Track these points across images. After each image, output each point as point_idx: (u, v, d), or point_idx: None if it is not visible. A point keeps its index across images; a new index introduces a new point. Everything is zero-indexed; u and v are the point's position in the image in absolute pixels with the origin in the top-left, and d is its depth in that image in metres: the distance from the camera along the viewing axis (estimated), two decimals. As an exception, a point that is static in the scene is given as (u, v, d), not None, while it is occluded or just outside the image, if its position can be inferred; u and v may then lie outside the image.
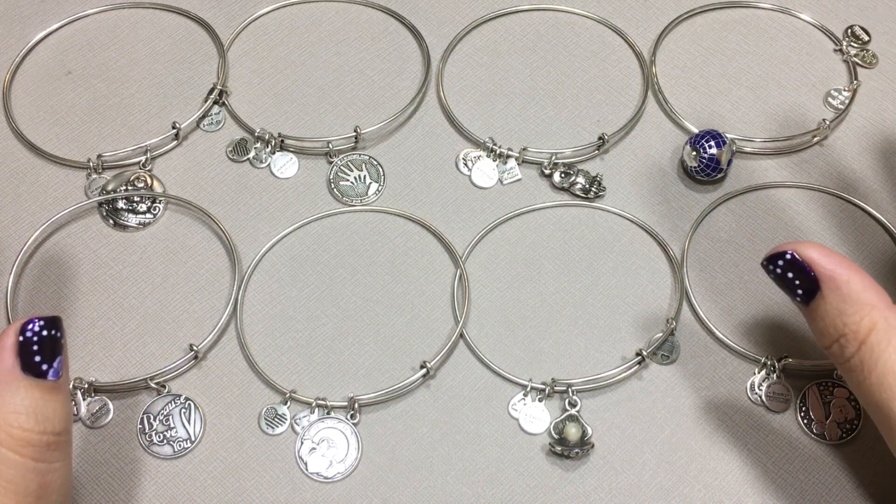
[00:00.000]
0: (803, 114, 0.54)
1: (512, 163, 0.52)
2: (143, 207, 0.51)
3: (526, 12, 0.58)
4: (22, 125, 0.54)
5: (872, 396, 0.36)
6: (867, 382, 0.36)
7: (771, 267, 0.38)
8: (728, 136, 0.51)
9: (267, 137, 0.52)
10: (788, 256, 0.37)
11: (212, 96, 0.54)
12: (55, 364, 0.35)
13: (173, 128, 0.53)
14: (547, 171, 0.52)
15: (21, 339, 0.34)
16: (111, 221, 0.51)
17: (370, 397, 0.45)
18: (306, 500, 0.44)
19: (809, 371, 0.46)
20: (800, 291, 0.37)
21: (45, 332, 0.35)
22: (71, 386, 0.45)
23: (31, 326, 0.35)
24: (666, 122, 0.54)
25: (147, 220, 0.51)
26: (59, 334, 0.35)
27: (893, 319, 0.36)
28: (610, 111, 0.54)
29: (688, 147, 0.51)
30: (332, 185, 0.52)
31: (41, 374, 0.34)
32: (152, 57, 0.56)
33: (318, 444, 0.45)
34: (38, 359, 0.34)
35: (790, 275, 0.37)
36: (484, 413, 0.46)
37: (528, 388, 0.46)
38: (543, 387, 0.46)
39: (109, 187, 0.51)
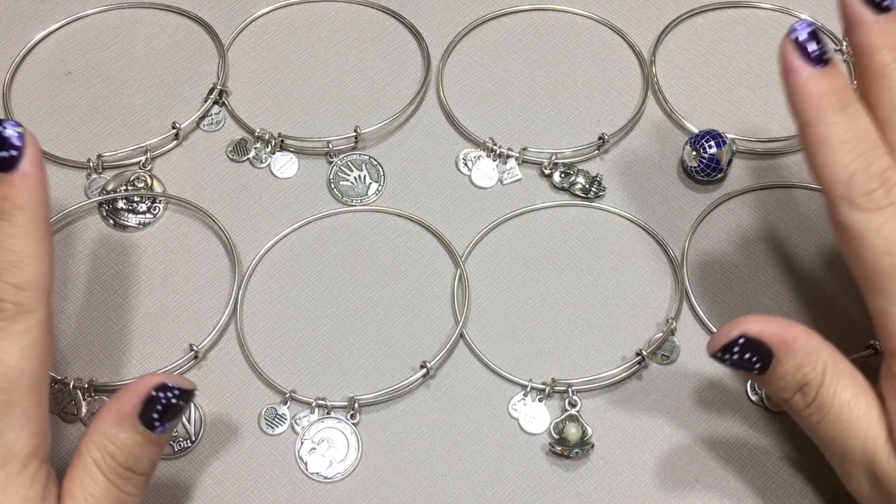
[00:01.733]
0: (803, 114, 0.54)
1: (512, 163, 0.52)
2: (143, 207, 0.51)
3: (526, 12, 0.58)
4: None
5: (829, 432, 0.38)
6: (825, 420, 0.38)
7: (727, 356, 0.38)
8: (728, 136, 0.51)
9: (267, 137, 0.53)
10: (742, 340, 0.38)
11: (212, 96, 0.54)
12: (167, 425, 0.38)
13: (173, 128, 0.53)
14: (547, 171, 0.52)
15: (153, 393, 0.37)
16: (111, 221, 0.51)
17: (370, 397, 0.45)
18: (306, 500, 0.44)
19: (809, 371, 0.46)
20: (758, 365, 0.38)
21: (174, 400, 0.38)
22: (71, 386, 0.45)
23: (167, 390, 0.38)
24: (666, 122, 0.54)
25: (147, 220, 0.51)
26: (185, 406, 0.38)
27: (833, 353, 0.39)
28: (610, 111, 0.54)
29: (688, 147, 0.51)
30: (332, 185, 0.52)
31: (150, 428, 0.37)
32: (152, 57, 0.56)
33: (318, 444, 0.45)
34: (155, 415, 0.37)
35: (748, 355, 0.38)
36: (484, 413, 0.46)
37: (528, 388, 0.46)
38: (543, 387, 0.46)
39: (109, 187, 0.51)
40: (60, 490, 0.37)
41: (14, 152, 0.38)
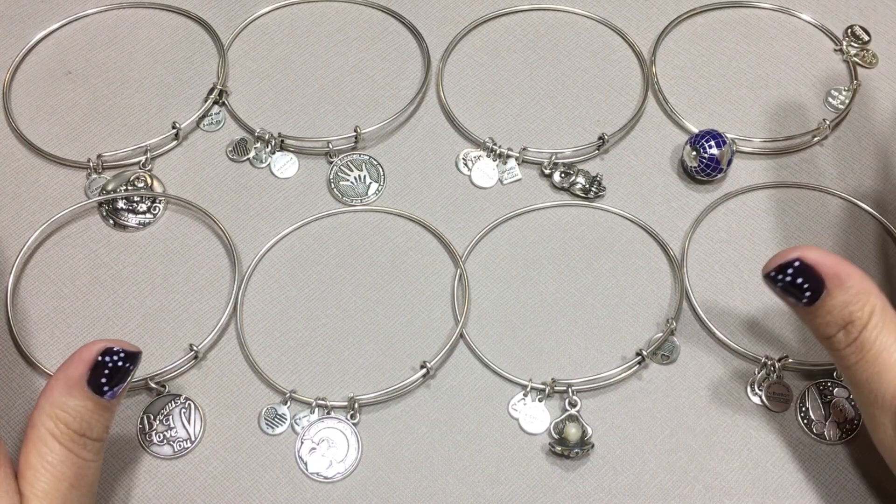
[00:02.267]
0: (803, 114, 0.54)
1: (512, 163, 0.52)
2: (143, 207, 0.51)
3: (526, 12, 0.58)
4: (22, 125, 0.54)
5: (864, 373, 0.39)
6: (863, 360, 0.39)
7: (780, 277, 0.39)
8: (728, 136, 0.51)
9: (267, 137, 0.52)
10: (797, 264, 0.39)
11: (212, 96, 0.54)
12: (116, 390, 0.39)
13: (173, 128, 0.53)
14: (547, 171, 0.52)
15: (99, 358, 0.38)
16: (111, 221, 0.51)
17: (370, 397, 0.45)
18: (306, 500, 0.44)
19: (809, 371, 0.46)
20: (808, 294, 0.39)
21: (120, 364, 0.39)
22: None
23: (112, 354, 0.39)
24: (666, 122, 0.54)
25: (147, 220, 0.51)
26: (131, 368, 0.39)
27: (883, 299, 0.39)
28: (610, 111, 0.54)
29: (688, 147, 0.51)
30: (332, 185, 0.52)
31: (100, 394, 0.38)
32: (152, 57, 0.56)
33: (318, 444, 0.45)
34: (103, 380, 0.38)
35: (799, 280, 0.39)
36: (484, 413, 0.46)
37: (528, 388, 0.46)
38: (543, 387, 0.46)
39: (109, 187, 0.51)
40: (18, 463, 0.38)
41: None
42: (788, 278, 0.39)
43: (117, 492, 0.44)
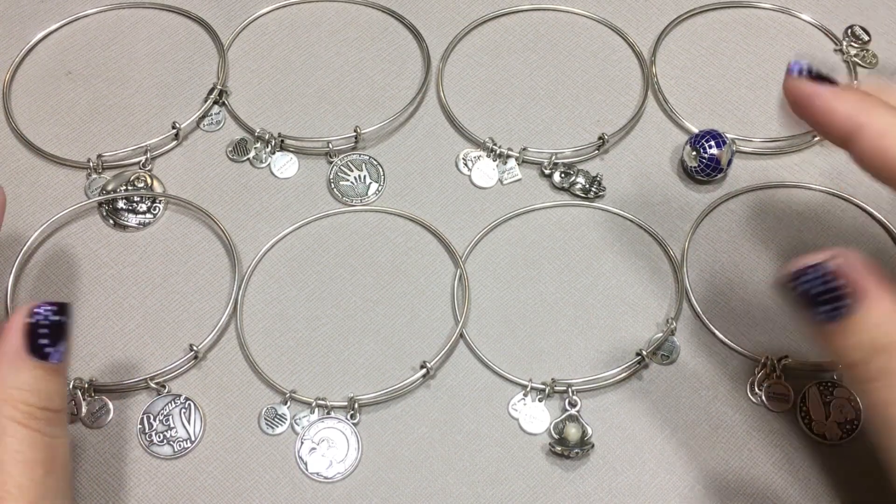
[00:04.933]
0: (803, 114, 0.54)
1: (512, 163, 0.52)
2: (143, 207, 0.51)
3: (526, 12, 0.58)
4: (22, 125, 0.54)
5: (889, 397, 0.33)
6: (888, 387, 0.33)
7: (801, 282, 0.33)
8: (728, 136, 0.51)
9: (267, 137, 0.53)
10: (831, 267, 0.33)
11: (212, 96, 0.54)
12: (59, 348, 0.36)
13: (173, 128, 0.53)
14: (547, 171, 0.52)
15: (29, 321, 0.36)
16: (111, 221, 0.51)
17: (370, 397, 0.45)
18: (306, 500, 0.44)
19: (809, 371, 0.46)
20: (838, 304, 0.33)
21: (52, 317, 0.36)
22: (71, 386, 0.45)
23: (39, 310, 0.36)
24: (666, 122, 0.54)
25: (147, 220, 0.51)
26: (66, 320, 0.37)
27: None
28: (610, 111, 0.54)
29: (688, 147, 0.51)
30: (332, 185, 0.52)
31: (45, 357, 0.36)
32: (152, 57, 0.56)
33: (318, 444, 0.45)
34: (43, 342, 0.36)
35: (833, 285, 0.33)
36: (484, 413, 0.46)
37: (528, 388, 0.46)
38: (543, 387, 0.46)
39: (109, 187, 0.51)
40: None
41: None
42: (811, 285, 0.33)
43: (117, 492, 0.44)
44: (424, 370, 0.46)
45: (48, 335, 0.36)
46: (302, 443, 0.45)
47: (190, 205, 0.51)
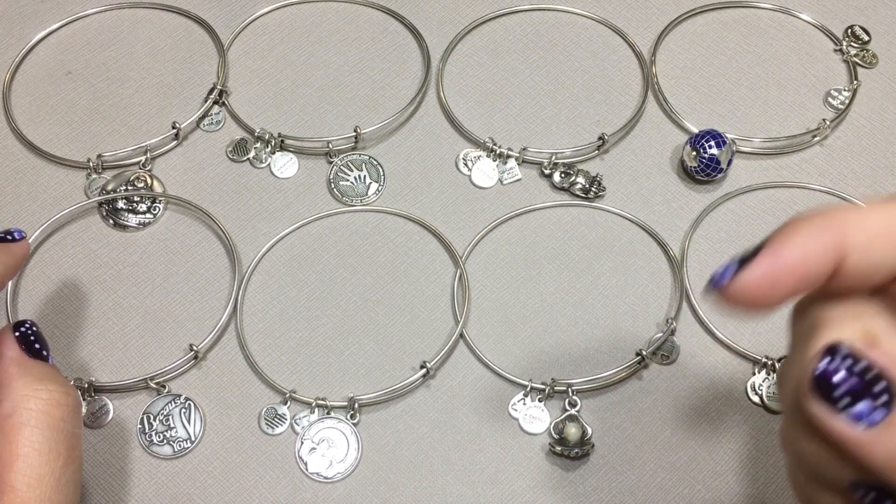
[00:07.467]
0: (803, 114, 0.54)
1: (512, 163, 0.52)
2: (143, 207, 0.51)
3: (526, 12, 0.58)
4: (22, 125, 0.54)
5: None
6: None
7: (838, 378, 0.25)
8: (728, 136, 0.51)
9: (267, 137, 0.53)
10: (865, 355, 0.25)
11: (212, 96, 0.54)
12: (50, 354, 0.39)
13: (173, 128, 0.53)
14: (547, 171, 0.52)
15: (18, 334, 0.38)
16: (111, 221, 0.51)
17: (370, 397, 0.45)
18: (306, 500, 0.44)
19: (809, 371, 0.46)
20: (881, 399, 0.25)
21: (35, 328, 0.39)
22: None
23: (24, 326, 0.39)
24: (666, 122, 0.54)
25: (147, 220, 0.51)
26: (39, 330, 0.39)
27: None
28: (610, 111, 0.54)
29: (688, 147, 0.51)
30: (332, 185, 0.52)
31: (45, 359, 0.38)
32: (152, 57, 0.56)
33: (318, 444, 0.45)
34: (38, 346, 0.38)
35: (869, 377, 0.24)
36: (484, 413, 0.46)
37: (529, 389, 0.46)
38: (543, 387, 0.46)
39: (109, 187, 0.51)
40: (1, 457, 0.35)
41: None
42: (846, 382, 0.24)
43: (117, 492, 0.44)
44: (424, 370, 0.46)
45: (39, 341, 0.39)
46: (302, 443, 0.45)
47: (190, 205, 0.51)
